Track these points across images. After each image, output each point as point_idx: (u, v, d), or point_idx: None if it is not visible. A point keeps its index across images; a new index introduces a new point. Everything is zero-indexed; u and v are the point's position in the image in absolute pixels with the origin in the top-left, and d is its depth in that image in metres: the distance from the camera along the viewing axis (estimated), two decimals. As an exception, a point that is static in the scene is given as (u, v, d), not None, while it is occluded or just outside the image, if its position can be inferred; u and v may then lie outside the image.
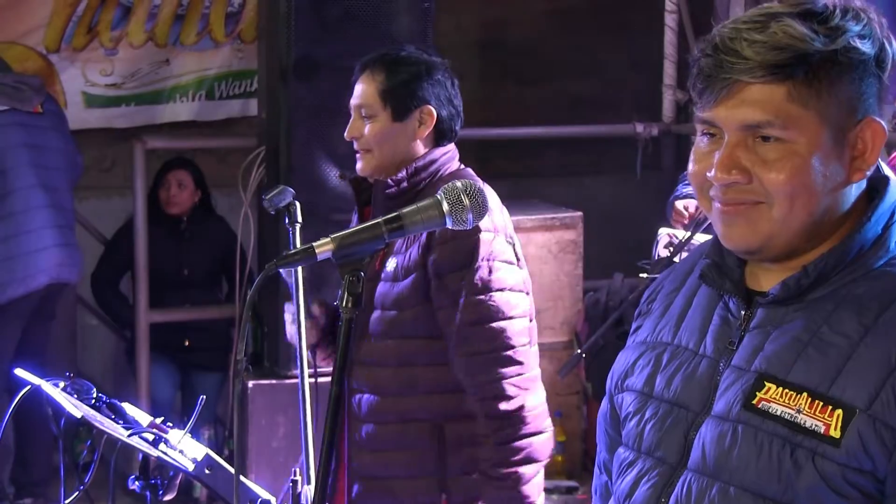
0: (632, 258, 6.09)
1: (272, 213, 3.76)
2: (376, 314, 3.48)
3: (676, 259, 4.98)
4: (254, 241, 6.56)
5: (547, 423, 3.42)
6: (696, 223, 5.06)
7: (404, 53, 3.56)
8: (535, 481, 3.38)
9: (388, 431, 3.47)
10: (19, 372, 3.52)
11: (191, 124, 7.39)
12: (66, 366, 4.31)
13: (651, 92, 7.59)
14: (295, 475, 2.98)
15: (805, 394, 1.85)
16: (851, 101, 1.89)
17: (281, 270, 2.67)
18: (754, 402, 1.90)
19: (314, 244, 2.37)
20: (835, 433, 1.82)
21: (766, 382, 1.90)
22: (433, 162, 3.49)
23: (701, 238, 4.97)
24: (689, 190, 5.97)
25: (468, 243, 3.35)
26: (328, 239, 2.38)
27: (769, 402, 1.88)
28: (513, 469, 3.34)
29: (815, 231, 1.92)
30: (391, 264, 3.46)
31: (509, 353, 3.36)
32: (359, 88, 3.54)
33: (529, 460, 3.36)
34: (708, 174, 1.93)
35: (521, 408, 3.35)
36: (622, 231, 6.46)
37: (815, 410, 1.84)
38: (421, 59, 3.55)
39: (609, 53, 7.33)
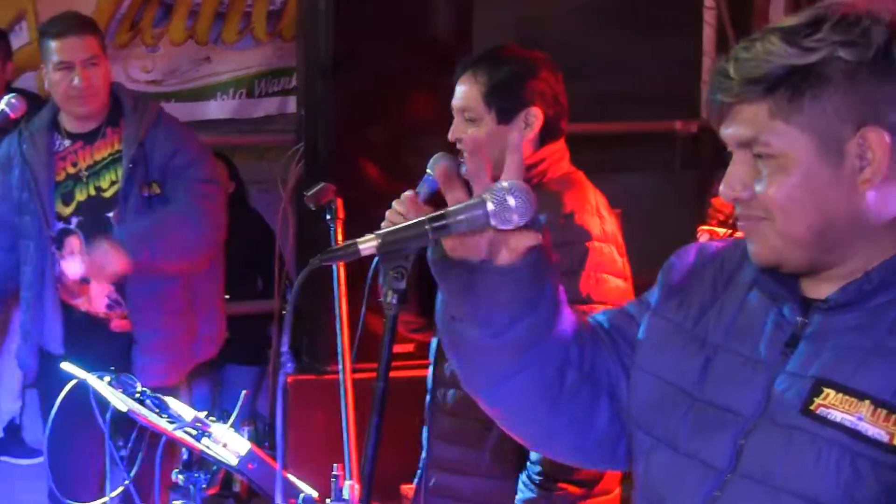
0: (667, 256, 6.07)
1: (313, 209, 3.76)
2: None
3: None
4: (292, 237, 6.58)
5: None
6: (734, 220, 5.05)
7: (506, 52, 3.50)
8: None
9: (470, 428, 3.44)
10: (66, 366, 3.54)
11: (230, 121, 7.41)
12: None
13: (690, 89, 7.57)
14: (336, 471, 2.99)
15: (867, 401, 1.82)
16: (842, 111, 1.86)
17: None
18: (812, 407, 1.87)
19: (357, 240, 2.37)
20: None
21: (824, 388, 1.87)
22: (542, 160, 3.44)
23: (739, 234, 4.96)
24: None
25: (579, 250, 3.30)
26: (372, 235, 2.38)
27: (828, 408, 1.85)
28: (559, 485, 3.31)
29: (832, 242, 1.91)
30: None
31: None
32: (460, 90, 3.47)
33: (578, 482, 3.32)
34: None
35: None
36: (661, 229, 6.44)
37: (878, 419, 1.80)
38: (524, 58, 3.48)
39: (647, 50, 7.30)
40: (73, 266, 4.92)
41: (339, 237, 3.63)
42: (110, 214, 4.94)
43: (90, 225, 4.95)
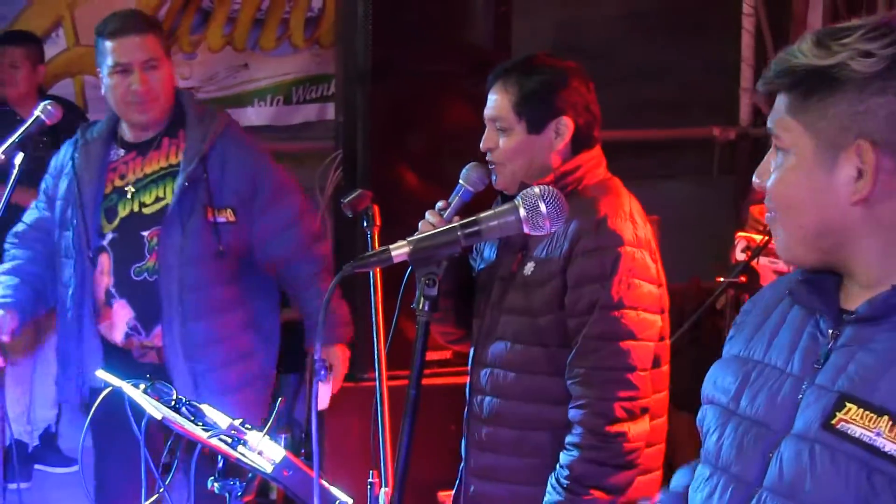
0: (709, 262, 6.05)
1: (350, 215, 3.76)
2: (507, 317, 3.44)
3: (753, 263, 4.94)
4: (330, 242, 6.59)
5: (638, 461, 3.35)
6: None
7: (537, 62, 3.49)
8: None
9: (507, 436, 3.45)
10: (100, 374, 3.54)
11: (268, 128, 7.43)
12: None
13: (727, 95, 7.54)
14: (372, 478, 2.99)
15: (886, 416, 1.82)
16: (844, 119, 1.87)
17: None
18: (833, 422, 1.87)
19: (390, 247, 2.39)
20: None
21: (846, 403, 1.87)
22: (578, 167, 3.43)
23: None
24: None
25: (611, 255, 3.31)
26: (404, 242, 2.40)
27: (848, 423, 1.85)
28: (590, 489, 3.30)
29: (831, 246, 1.92)
30: (529, 269, 3.40)
31: (629, 375, 3.30)
32: (492, 100, 3.47)
33: (608, 489, 3.31)
34: None
35: (623, 435, 3.29)
36: (699, 235, 6.43)
37: (895, 435, 1.80)
38: (554, 67, 3.48)
39: (684, 56, 7.29)
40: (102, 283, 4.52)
41: (376, 244, 3.63)
42: (146, 233, 4.48)
43: (122, 243, 4.50)
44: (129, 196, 4.49)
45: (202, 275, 4.43)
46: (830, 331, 1.95)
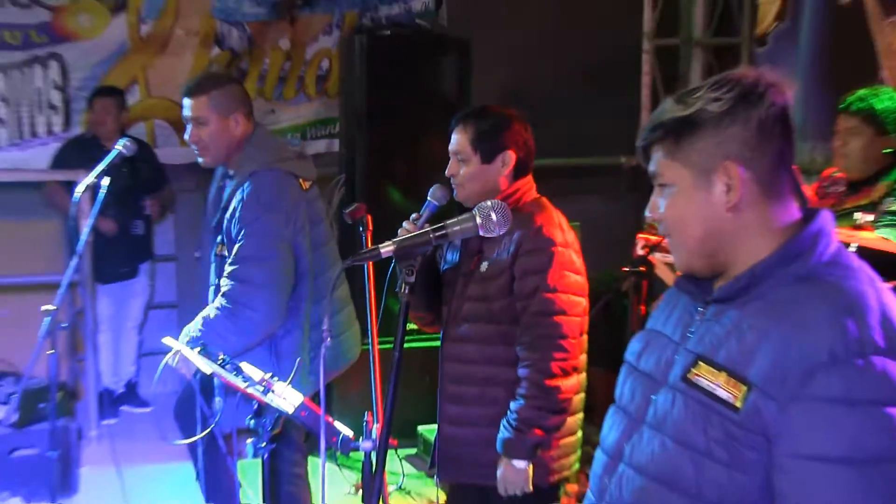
0: (617, 256, 6.06)
1: (349, 222, 3.75)
2: (469, 304, 3.42)
3: (650, 257, 4.94)
4: (336, 244, 6.56)
5: (567, 405, 3.35)
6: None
7: (488, 110, 3.48)
8: (542, 443, 3.34)
9: (472, 392, 3.43)
10: (166, 340, 3.53)
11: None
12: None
13: (632, 132, 7.54)
14: (366, 417, 2.99)
15: (724, 372, 1.83)
16: (709, 149, 1.88)
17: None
18: (689, 376, 1.88)
19: (379, 246, 2.39)
20: (738, 404, 1.79)
21: (699, 362, 1.88)
22: (517, 191, 3.43)
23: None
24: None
25: (547, 254, 3.31)
26: (390, 242, 2.40)
27: (698, 376, 1.87)
28: (532, 428, 3.30)
29: (714, 249, 1.92)
30: (484, 267, 3.39)
31: (562, 342, 3.30)
32: (454, 138, 3.46)
33: (545, 428, 3.31)
34: None
35: (558, 388, 3.29)
36: (610, 237, 6.43)
37: (729, 386, 1.81)
38: (501, 114, 3.46)
39: (601, 103, 7.29)
40: None
41: (369, 244, 3.62)
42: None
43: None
44: None
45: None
46: (701, 309, 1.96)
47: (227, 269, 3.85)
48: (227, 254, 3.90)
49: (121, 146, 4.35)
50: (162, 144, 6.88)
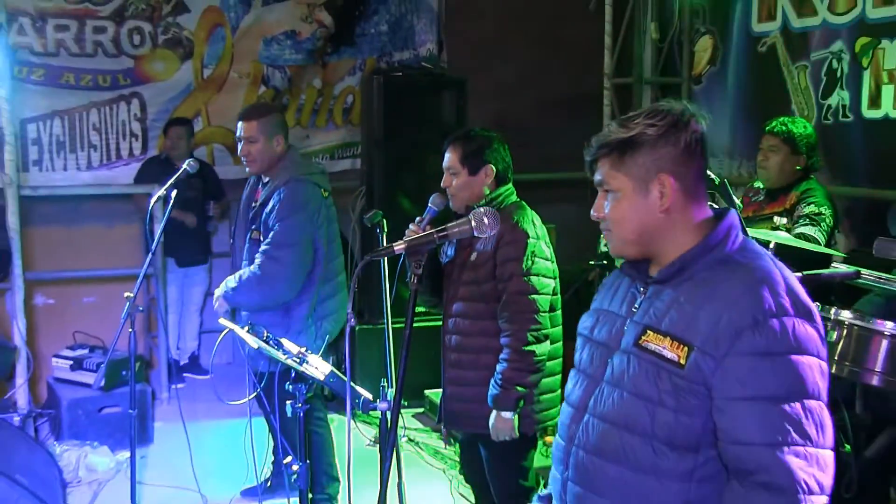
0: (585, 252, 6.03)
1: (369, 226, 3.73)
2: (463, 287, 3.40)
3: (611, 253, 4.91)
4: (359, 242, 6.55)
5: (541, 366, 3.32)
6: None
7: (473, 133, 3.47)
8: (523, 397, 3.30)
9: (468, 358, 3.40)
10: (222, 320, 3.50)
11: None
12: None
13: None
14: (383, 382, 2.95)
15: (668, 337, 1.86)
16: (647, 164, 1.91)
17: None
18: (640, 342, 1.91)
19: (393, 244, 2.35)
20: (682, 361, 1.83)
21: (647, 330, 1.91)
22: (499, 195, 3.42)
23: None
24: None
25: (521, 245, 3.29)
26: (401, 241, 2.37)
27: (648, 342, 1.90)
28: (515, 385, 3.27)
29: (648, 241, 1.95)
30: (474, 256, 3.38)
31: (535, 315, 3.28)
32: (447, 156, 3.45)
33: (524, 385, 3.28)
34: None
35: (533, 352, 3.28)
36: (580, 237, 6.41)
37: (674, 348, 1.85)
38: (484, 136, 3.45)
39: (571, 127, 7.23)
40: None
41: (384, 243, 3.58)
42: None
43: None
44: None
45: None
46: (642, 289, 1.99)
47: (263, 248, 4.02)
48: (262, 238, 4.04)
49: (186, 165, 4.33)
50: (219, 163, 6.85)
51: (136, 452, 4.15)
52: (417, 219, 3.40)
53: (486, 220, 2.40)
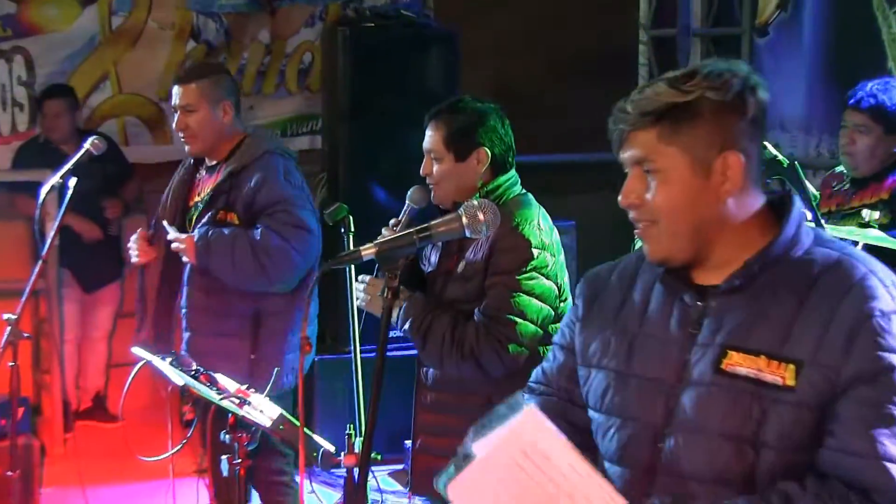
0: (614, 257, 6.04)
1: (330, 223, 3.74)
2: (448, 305, 3.39)
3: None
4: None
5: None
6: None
7: (460, 105, 3.45)
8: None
9: (448, 399, 3.41)
10: (136, 350, 3.50)
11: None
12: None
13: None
14: (349, 429, 2.96)
15: (763, 356, 1.91)
16: (709, 137, 1.96)
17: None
18: (722, 367, 1.94)
19: (360, 248, 2.36)
20: (790, 383, 1.88)
21: (729, 351, 1.94)
22: (499, 187, 3.41)
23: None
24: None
25: (520, 256, 3.29)
26: (371, 244, 2.37)
27: (734, 366, 1.93)
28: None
29: (705, 237, 1.99)
30: (461, 267, 3.37)
31: (507, 344, 3.26)
32: (428, 136, 3.44)
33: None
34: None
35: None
36: (605, 235, 6.42)
37: (772, 368, 1.90)
38: (475, 109, 3.43)
39: (595, 97, 7.27)
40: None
41: (350, 246, 3.59)
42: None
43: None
44: (196, 211, 4.26)
45: None
46: (699, 303, 2.01)
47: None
48: (237, 222, 4.09)
49: (89, 145, 4.31)
50: (134, 143, 6.84)
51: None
52: (393, 221, 3.41)
53: (480, 216, 2.40)
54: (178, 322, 4.22)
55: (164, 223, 4.21)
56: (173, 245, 4.13)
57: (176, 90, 4.17)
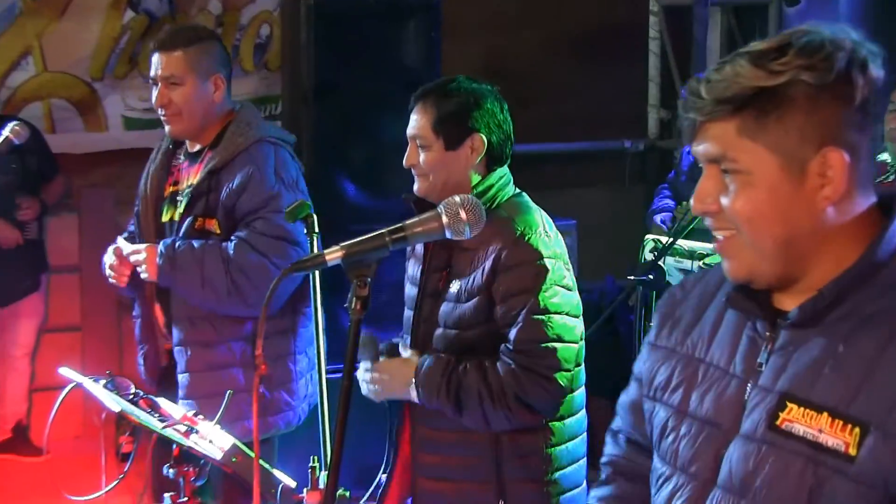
0: (621, 262, 6.06)
1: (291, 223, 3.72)
2: (439, 331, 3.39)
3: (661, 263, 4.95)
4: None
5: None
6: (677, 229, 5.01)
7: (453, 85, 3.43)
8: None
9: (448, 437, 3.41)
10: (63, 371, 3.49)
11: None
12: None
13: (637, 111, 7.57)
14: (312, 462, 2.96)
15: (825, 413, 1.79)
16: (805, 131, 1.81)
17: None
18: (778, 422, 1.84)
19: (324, 252, 2.35)
20: (852, 451, 1.75)
21: (787, 403, 1.84)
22: (491, 187, 3.40)
23: (683, 243, 4.93)
24: (666, 203, 5.96)
25: (533, 269, 3.27)
26: (337, 247, 2.36)
27: (792, 422, 1.83)
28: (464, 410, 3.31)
29: (798, 253, 1.86)
30: (454, 286, 3.35)
31: (555, 375, 3.27)
32: (413, 119, 3.43)
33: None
34: None
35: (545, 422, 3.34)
36: (612, 237, 6.44)
37: (835, 429, 1.78)
38: (470, 90, 3.42)
39: (599, 76, 7.31)
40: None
41: (314, 249, 3.59)
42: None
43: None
44: (175, 203, 4.20)
45: None
46: (768, 333, 1.92)
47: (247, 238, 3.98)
48: (218, 231, 4.03)
49: (9, 132, 4.31)
50: (61, 130, 6.83)
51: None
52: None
53: (463, 215, 2.39)
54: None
55: (119, 239, 4.13)
56: (132, 258, 4.07)
57: (157, 58, 4.09)
